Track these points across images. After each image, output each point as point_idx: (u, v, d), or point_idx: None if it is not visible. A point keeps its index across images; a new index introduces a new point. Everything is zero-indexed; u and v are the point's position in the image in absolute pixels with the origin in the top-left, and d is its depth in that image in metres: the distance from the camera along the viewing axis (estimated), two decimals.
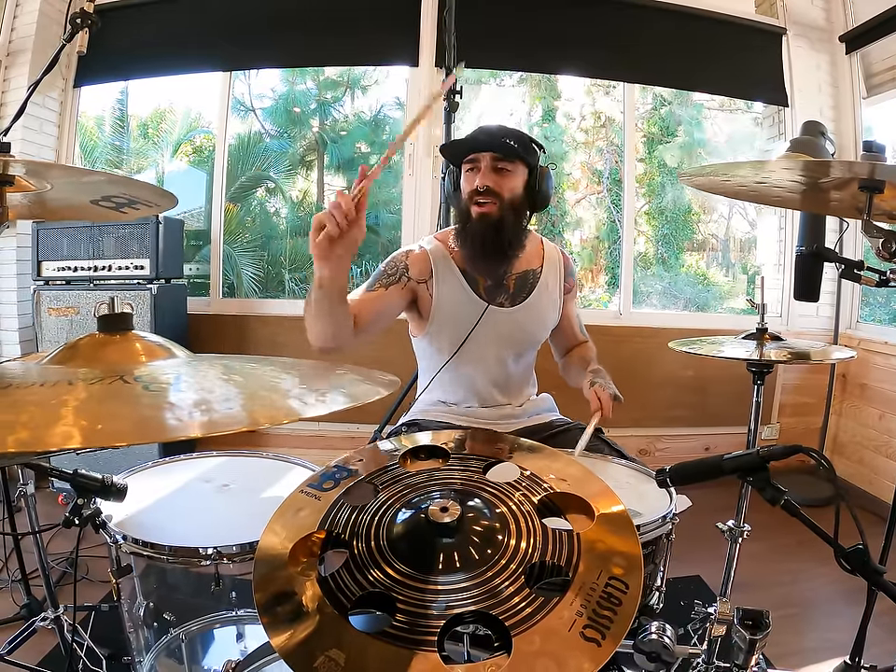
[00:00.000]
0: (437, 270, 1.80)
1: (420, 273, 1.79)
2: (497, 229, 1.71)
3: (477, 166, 1.72)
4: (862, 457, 3.56)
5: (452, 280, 1.81)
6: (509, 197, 1.72)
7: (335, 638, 0.69)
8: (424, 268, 1.80)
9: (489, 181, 1.69)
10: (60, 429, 0.60)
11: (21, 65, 3.32)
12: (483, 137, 1.75)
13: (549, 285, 1.89)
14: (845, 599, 2.37)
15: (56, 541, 2.56)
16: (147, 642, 1.41)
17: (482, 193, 1.70)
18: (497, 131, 1.74)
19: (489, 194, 1.70)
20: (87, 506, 1.16)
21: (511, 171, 1.72)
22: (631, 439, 3.69)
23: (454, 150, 1.83)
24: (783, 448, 0.97)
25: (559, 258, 1.95)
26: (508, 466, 0.97)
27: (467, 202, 1.74)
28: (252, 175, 5.54)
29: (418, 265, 1.80)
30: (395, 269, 1.78)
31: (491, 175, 1.70)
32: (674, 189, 5.96)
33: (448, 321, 1.81)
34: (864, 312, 3.97)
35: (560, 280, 1.93)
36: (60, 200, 1.22)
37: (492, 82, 5.86)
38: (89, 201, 1.19)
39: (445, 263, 1.82)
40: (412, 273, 1.78)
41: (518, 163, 1.73)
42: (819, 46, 3.82)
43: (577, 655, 0.66)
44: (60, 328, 3.11)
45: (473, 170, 1.74)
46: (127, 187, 1.14)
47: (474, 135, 1.79)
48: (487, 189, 1.69)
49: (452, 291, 1.80)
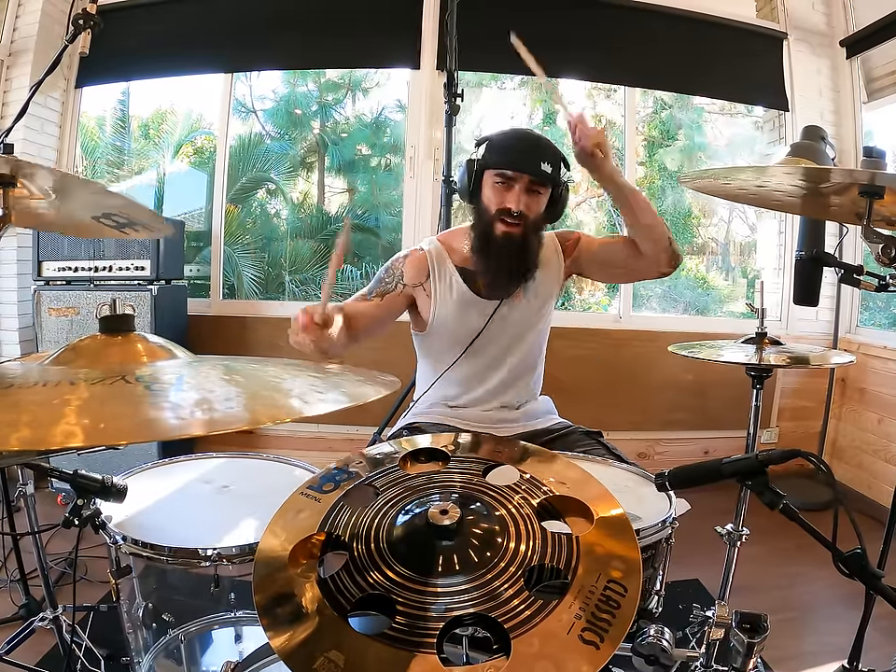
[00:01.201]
0: (435, 271, 1.82)
1: (416, 277, 1.82)
2: (522, 250, 1.73)
3: (510, 184, 1.69)
4: (861, 462, 3.56)
5: (450, 281, 1.82)
6: (534, 218, 1.73)
7: (335, 640, 0.70)
8: (420, 270, 1.82)
9: (522, 206, 1.69)
10: (62, 428, 0.60)
11: (23, 65, 3.32)
12: (526, 155, 1.70)
13: (545, 279, 1.87)
14: (843, 603, 2.37)
15: (55, 542, 2.56)
16: (145, 643, 1.41)
17: (513, 215, 1.69)
18: (538, 149, 1.71)
19: (519, 217, 1.69)
20: (87, 506, 1.16)
21: (541, 193, 1.73)
22: (630, 442, 3.69)
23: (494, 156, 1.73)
24: (782, 452, 0.97)
25: (555, 245, 1.93)
26: (507, 469, 0.97)
27: (492, 217, 1.72)
28: (253, 177, 5.53)
29: (414, 268, 1.82)
30: (391, 277, 1.82)
31: (524, 198, 1.69)
32: (674, 193, 5.95)
33: (448, 321, 1.82)
34: (864, 316, 3.97)
35: (560, 264, 1.91)
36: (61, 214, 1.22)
37: (493, 85, 5.86)
38: (90, 217, 1.19)
39: (443, 264, 1.83)
40: (407, 279, 1.81)
41: (548, 186, 1.73)
42: (819, 50, 3.83)
43: (575, 658, 0.66)
44: (60, 328, 3.11)
45: (504, 184, 1.70)
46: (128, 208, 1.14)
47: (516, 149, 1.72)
48: (520, 212, 1.69)
49: (450, 292, 1.81)
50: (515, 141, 1.75)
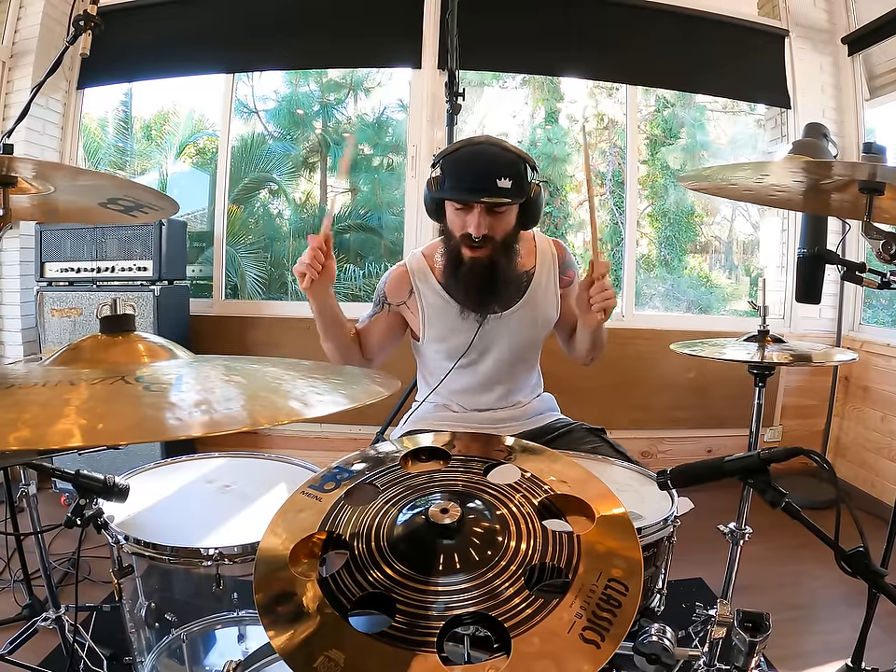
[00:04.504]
0: (417, 289, 1.82)
1: (398, 296, 1.84)
2: (491, 271, 1.69)
3: (468, 208, 1.62)
4: (865, 460, 3.56)
5: (432, 296, 1.82)
6: (502, 237, 1.67)
7: (335, 639, 0.69)
8: (402, 288, 1.84)
9: (485, 229, 1.61)
10: (61, 428, 0.60)
11: (25, 67, 3.33)
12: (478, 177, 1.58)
13: (543, 283, 1.85)
14: (847, 602, 2.36)
15: (59, 542, 2.57)
16: (148, 643, 1.41)
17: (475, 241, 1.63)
18: (491, 167, 1.57)
19: (484, 240, 1.63)
20: (89, 506, 1.16)
21: (504, 212, 1.64)
22: (633, 441, 3.69)
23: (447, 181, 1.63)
24: (784, 450, 0.96)
25: (552, 252, 1.89)
26: (509, 468, 0.97)
27: (458, 242, 1.69)
28: (255, 177, 5.54)
29: (395, 288, 1.85)
30: (378, 299, 1.88)
31: (486, 220, 1.61)
32: (677, 192, 5.95)
33: (437, 337, 1.83)
34: (867, 314, 3.96)
35: (555, 275, 1.87)
36: (66, 202, 1.23)
37: (495, 84, 5.87)
38: (97, 203, 1.19)
39: (426, 280, 1.82)
40: (390, 299, 1.85)
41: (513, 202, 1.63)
42: (821, 48, 3.82)
43: (576, 657, 0.66)
44: (63, 329, 3.12)
45: (463, 209, 1.64)
46: (130, 190, 1.14)
47: (467, 172, 1.61)
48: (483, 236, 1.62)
49: (434, 308, 1.82)
50: (467, 161, 1.62)
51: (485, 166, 1.59)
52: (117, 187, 1.12)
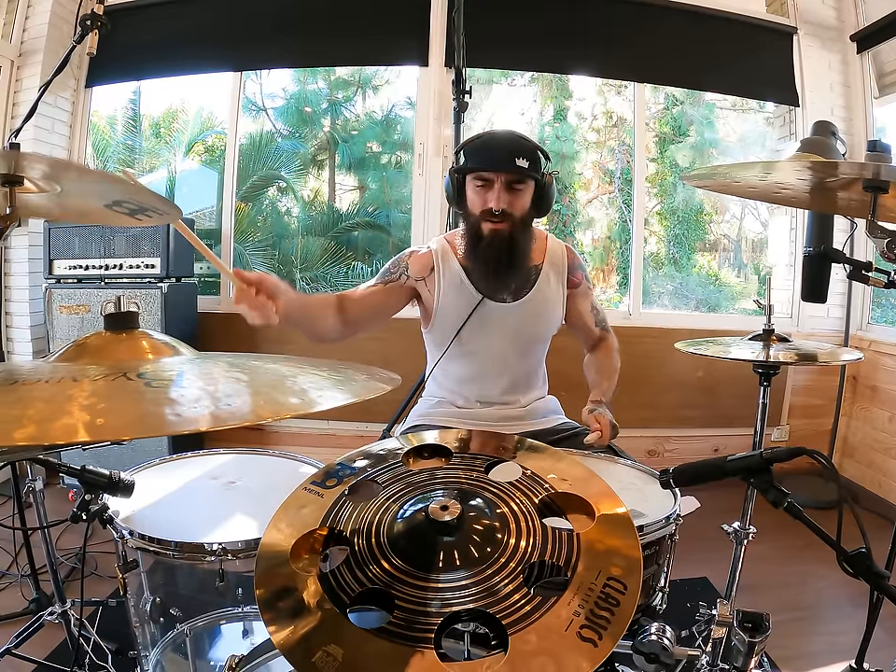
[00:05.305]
0: (439, 267, 1.86)
1: (420, 272, 1.86)
2: (510, 247, 1.76)
3: (489, 185, 1.72)
4: (872, 460, 3.54)
5: (452, 277, 1.85)
6: (520, 215, 1.75)
7: (334, 634, 0.70)
8: (425, 266, 1.87)
9: (504, 203, 1.71)
10: (63, 424, 0.61)
11: (33, 66, 3.35)
12: (498, 155, 1.72)
13: (550, 280, 1.91)
14: (852, 602, 2.35)
15: (66, 537, 2.59)
16: (153, 637, 1.42)
17: (496, 214, 1.72)
18: (511, 147, 1.72)
19: (503, 215, 1.72)
20: (94, 502, 1.17)
21: (522, 190, 1.74)
22: (640, 439, 3.69)
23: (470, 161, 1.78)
24: (786, 450, 0.96)
25: (563, 253, 1.95)
26: (510, 465, 0.97)
27: (478, 218, 1.76)
28: (263, 175, 5.55)
29: (419, 264, 1.87)
30: (397, 267, 1.88)
31: (505, 196, 1.71)
32: (685, 190, 5.93)
33: (449, 316, 1.85)
34: (876, 313, 3.93)
35: (563, 275, 1.93)
36: (72, 203, 1.23)
37: (503, 82, 5.86)
38: (102, 205, 1.20)
39: (448, 261, 1.87)
40: (411, 272, 1.86)
41: (529, 181, 1.74)
42: (830, 45, 3.80)
43: (573, 654, 0.66)
44: (71, 326, 3.14)
45: (484, 186, 1.74)
46: (135, 194, 1.14)
47: (488, 150, 1.75)
48: (502, 210, 1.71)
49: (452, 288, 1.85)
50: (489, 142, 1.78)
51: (506, 145, 1.74)
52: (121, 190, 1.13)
